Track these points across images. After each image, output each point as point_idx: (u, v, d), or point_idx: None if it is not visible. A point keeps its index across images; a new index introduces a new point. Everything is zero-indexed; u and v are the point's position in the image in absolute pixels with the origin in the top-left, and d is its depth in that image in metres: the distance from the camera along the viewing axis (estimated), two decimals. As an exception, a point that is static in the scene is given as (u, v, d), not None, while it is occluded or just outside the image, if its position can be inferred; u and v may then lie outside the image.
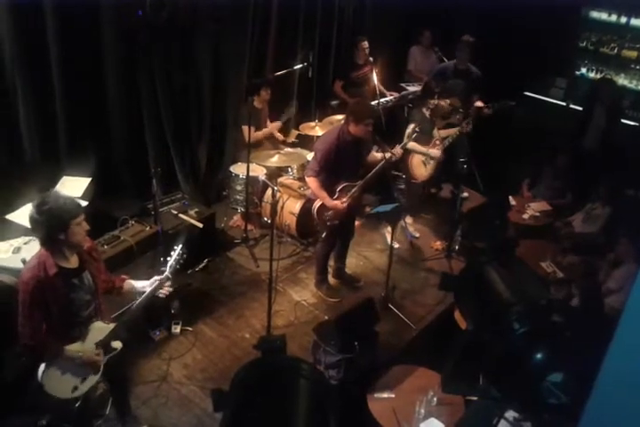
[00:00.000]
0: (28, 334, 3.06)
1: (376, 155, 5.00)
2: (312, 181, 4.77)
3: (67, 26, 4.76)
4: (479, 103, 6.49)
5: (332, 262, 5.45)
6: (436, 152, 5.83)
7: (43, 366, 3.18)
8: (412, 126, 5.77)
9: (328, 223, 4.92)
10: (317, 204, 4.92)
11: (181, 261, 3.52)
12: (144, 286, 3.46)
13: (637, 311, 1.95)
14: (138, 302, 3.38)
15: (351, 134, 4.66)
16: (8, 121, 4.80)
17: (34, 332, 3.06)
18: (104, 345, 3.28)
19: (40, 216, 2.91)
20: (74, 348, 3.19)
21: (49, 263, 3.02)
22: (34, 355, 3.20)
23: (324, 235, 5.07)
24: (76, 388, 3.26)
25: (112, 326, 3.32)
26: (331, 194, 4.81)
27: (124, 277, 3.56)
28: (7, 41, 4.56)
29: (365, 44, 6.68)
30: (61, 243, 3.01)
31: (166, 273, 3.44)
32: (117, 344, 3.36)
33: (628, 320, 1.96)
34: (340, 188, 4.82)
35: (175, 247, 3.55)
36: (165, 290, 3.44)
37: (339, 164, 4.71)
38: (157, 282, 3.41)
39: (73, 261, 3.14)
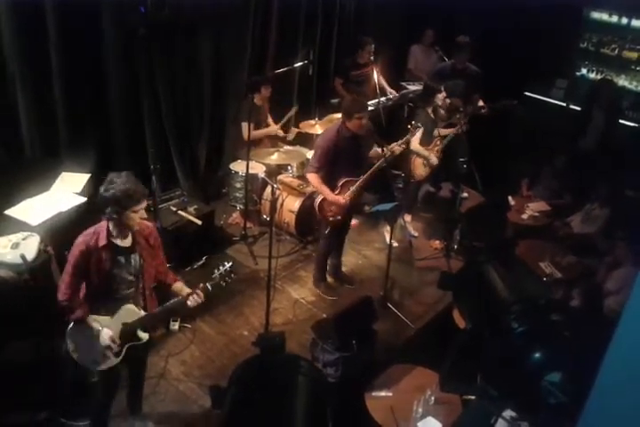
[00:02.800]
0: (62, 290, 3.20)
1: (378, 151, 5.03)
2: (312, 177, 4.80)
3: (68, 23, 4.75)
4: (481, 102, 6.49)
5: (329, 261, 5.45)
6: (435, 160, 5.85)
7: (70, 326, 3.29)
8: (419, 129, 5.76)
9: (330, 218, 4.92)
10: (319, 198, 4.94)
11: (228, 280, 3.44)
12: (188, 292, 3.41)
13: (636, 313, 1.95)
14: (171, 302, 3.41)
15: (349, 130, 4.70)
16: (8, 117, 4.79)
17: (66, 289, 3.19)
18: (130, 329, 3.31)
19: (104, 193, 3.07)
20: (101, 320, 3.26)
21: (102, 235, 3.17)
22: (64, 313, 3.27)
23: (326, 231, 5.07)
24: (95, 361, 3.31)
25: (142, 313, 3.35)
26: (332, 189, 4.83)
27: (178, 278, 3.59)
28: (8, 38, 4.56)
29: (371, 46, 6.64)
30: (115, 221, 3.15)
31: (208, 284, 3.40)
32: (144, 336, 3.39)
33: (627, 321, 1.97)
34: (341, 183, 4.83)
35: (226, 263, 3.47)
36: (194, 301, 3.37)
37: (339, 159, 4.74)
38: (194, 293, 3.38)
39: (125, 241, 3.25)
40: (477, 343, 3.43)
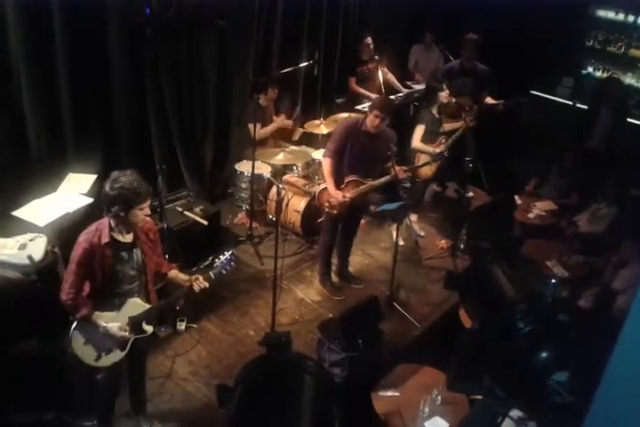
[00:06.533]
0: (65, 290, 3.20)
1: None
2: (325, 162, 4.87)
3: (74, 23, 4.76)
4: (490, 100, 6.47)
5: (335, 260, 5.46)
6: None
7: (74, 324, 3.28)
8: (420, 127, 5.77)
9: (326, 210, 4.95)
10: (322, 186, 5.00)
11: (228, 268, 3.51)
12: (184, 280, 3.52)
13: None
14: (176, 293, 3.52)
15: (366, 126, 4.73)
16: (14, 118, 4.81)
17: (70, 288, 3.20)
18: (136, 322, 3.35)
19: (110, 191, 3.08)
20: (105, 316, 3.28)
21: (104, 233, 3.19)
22: (68, 312, 3.29)
23: (324, 220, 5.13)
24: (99, 357, 3.33)
25: (147, 306, 3.40)
26: (338, 183, 4.85)
27: (173, 265, 3.65)
28: (13, 38, 4.57)
29: (369, 39, 6.67)
30: (120, 219, 3.16)
31: (210, 273, 3.48)
32: (148, 328, 3.44)
33: (634, 320, 1.96)
34: (348, 179, 4.84)
35: (225, 252, 3.55)
36: (198, 287, 3.44)
37: (348, 152, 4.78)
38: (196, 278, 3.46)
39: (127, 237, 3.28)
40: (484, 343, 3.43)
